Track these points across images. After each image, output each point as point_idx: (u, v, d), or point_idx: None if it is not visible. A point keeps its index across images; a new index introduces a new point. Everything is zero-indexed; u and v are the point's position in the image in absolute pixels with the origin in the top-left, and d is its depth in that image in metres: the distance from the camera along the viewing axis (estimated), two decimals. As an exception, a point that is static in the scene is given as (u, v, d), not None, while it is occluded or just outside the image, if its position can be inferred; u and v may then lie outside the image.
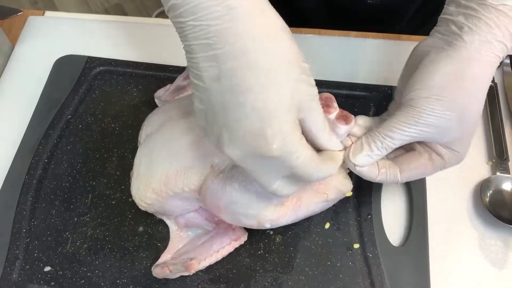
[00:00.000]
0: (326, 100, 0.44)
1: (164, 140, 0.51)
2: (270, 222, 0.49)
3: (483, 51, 0.43)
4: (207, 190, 0.48)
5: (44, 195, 0.58)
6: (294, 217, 0.50)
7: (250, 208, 0.47)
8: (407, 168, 0.48)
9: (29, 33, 0.73)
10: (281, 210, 0.49)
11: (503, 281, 0.53)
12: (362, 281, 0.52)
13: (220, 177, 0.48)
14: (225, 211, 0.49)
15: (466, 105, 0.44)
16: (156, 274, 0.52)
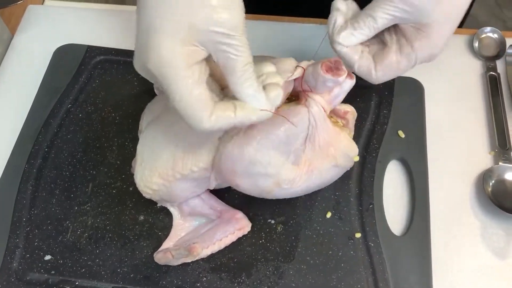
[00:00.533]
0: (335, 63, 0.46)
1: (167, 124, 0.51)
2: (286, 182, 0.48)
3: None
4: (222, 156, 0.48)
5: (44, 184, 0.58)
6: (309, 183, 0.50)
7: (269, 167, 0.47)
8: (380, 63, 0.48)
9: (28, 22, 0.72)
10: (297, 170, 0.49)
11: (504, 270, 0.53)
12: (364, 270, 0.52)
13: (234, 140, 0.47)
14: (242, 174, 0.48)
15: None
16: (158, 260, 0.52)
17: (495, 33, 0.68)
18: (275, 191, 0.49)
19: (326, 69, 0.45)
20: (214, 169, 0.49)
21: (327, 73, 0.45)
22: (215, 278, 0.52)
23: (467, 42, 0.68)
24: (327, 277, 0.52)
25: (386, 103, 0.62)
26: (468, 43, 0.68)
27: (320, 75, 0.45)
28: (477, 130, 0.62)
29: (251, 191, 0.51)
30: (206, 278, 0.52)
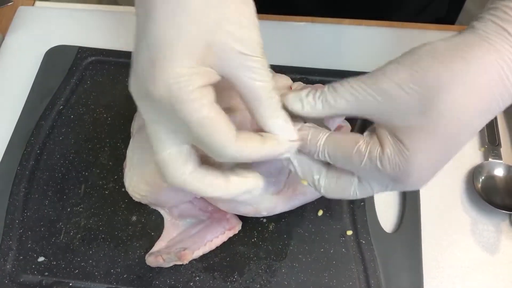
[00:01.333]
0: None
1: None
2: (266, 210, 0.49)
3: (494, 38, 0.33)
4: None
5: (37, 186, 0.58)
6: (291, 205, 0.50)
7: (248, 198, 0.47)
8: (333, 138, 0.37)
9: (19, 23, 0.72)
10: (277, 198, 0.49)
11: (495, 265, 0.54)
12: (355, 267, 0.53)
13: None
14: (223, 200, 0.49)
15: (443, 89, 0.32)
16: (150, 263, 0.52)
17: (484, 29, 0.68)
18: (256, 215, 0.50)
19: None
20: None
21: None
22: (208, 277, 0.53)
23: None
24: (319, 274, 0.52)
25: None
26: (458, 40, 0.68)
27: None
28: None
29: (232, 212, 0.52)
30: (199, 277, 0.53)
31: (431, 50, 0.34)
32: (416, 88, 0.33)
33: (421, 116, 0.33)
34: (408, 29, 0.70)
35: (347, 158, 0.36)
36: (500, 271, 0.54)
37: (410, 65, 0.34)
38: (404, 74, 0.33)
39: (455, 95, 0.32)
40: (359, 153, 0.36)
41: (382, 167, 0.35)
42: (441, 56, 0.33)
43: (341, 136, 0.37)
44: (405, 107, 0.34)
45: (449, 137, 0.34)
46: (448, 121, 0.33)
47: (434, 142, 0.34)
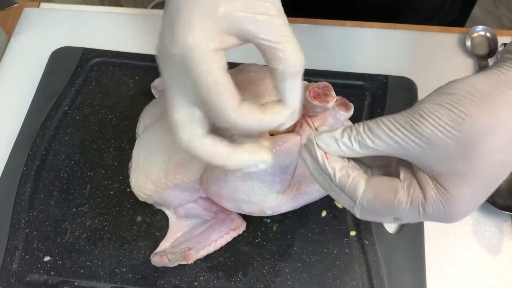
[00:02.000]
0: (324, 88, 0.44)
1: (162, 131, 0.52)
2: (271, 209, 0.49)
3: None
4: (208, 179, 0.49)
5: (43, 186, 0.59)
6: (295, 204, 0.50)
7: (252, 195, 0.48)
8: (373, 187, 0.36)
9: (25, 25, 0.73)
10: (282, 197, 0.49)
11: (497, 266, 0.54)
12: (359, 267, 0.53)
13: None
14: (227, 199, 0.49)
15: (488, 135, 0.32)
16: (155, 262, 0.52)
17: (487, 31, 0.68)
18: (261, 214, 0.50)
19: (314, 96, 0.44)
20: (201, 187, 0.50)
21: (315, 100, 0.44)
22: (213, 277, 0.53)
23: (459, 41, 0.69)
24: (322, 274, 0.53)
25: (380, 102, 0.63)
26: (461, 42, 0.69)
27: (308, 101, 0.44)
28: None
29: (238, 212, 0.52)
30: (203, 277, 0.53)
31: (470, 90, 0.33)
32: (459, 134, 0.32)
33: (464, 162, 0.33)
34: (411, 30, 0.71)
35: (388, 207, 0.35)
36: (503, 271, 0.54)
37: (450, 108, 0.33)
38: (446, 118, 0.33)
39: (499, 141, 0.32)
40: (400, 203, 0.35)
41: (425, 214, 0.35)
42: (481, 99, 0.33)
43: (380, 183, 0.36)
44: (447, 153, 0.33)
45: (492, 178, 0.34)
46: (491, 166, 0.33)
47: (476, 187, 0.33)
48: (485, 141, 0.32)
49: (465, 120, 0.32)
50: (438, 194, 0.34)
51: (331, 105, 0.45)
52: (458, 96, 0.33)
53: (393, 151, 0.35)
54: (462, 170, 0.33)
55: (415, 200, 0.34)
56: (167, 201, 0.53)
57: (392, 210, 0.35)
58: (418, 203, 0.34)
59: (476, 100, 0.33)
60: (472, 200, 0.34)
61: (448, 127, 0.32)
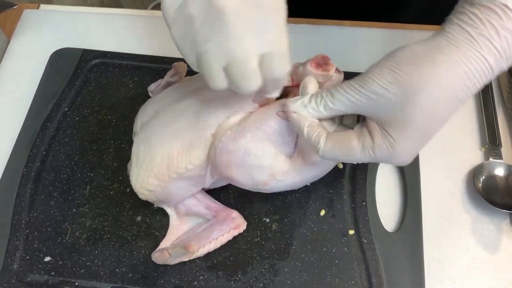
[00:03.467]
0: (323, 59, 0.47)
1: (160, 124, 0.52)
2: (281, 174, 0.50)
3: (461, 42, 0.40)
4: (217, 149, 0.49)
5: (43, 187, 0.59)
6: (303, 176, 0.51)
7: (263, 158, 0.48)
8: (331, 139, 0.44)
9: (24, 27, 0.73)
10: (290, 162, 0.50)
11: (495, 264, 0.54)
12: (357, 266, 0.53)
13: (228, 134, 0.48)
14: (237, 166, 0.49)
15: (419, 89, 0.39)
16: (156, 259, 0.53)
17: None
18: (270, 183, 0.50)
19: (316, 66, 0.47)
20: (209, 165, 0.50)
21: (317, 69, 0.47)
22: (212, 276, 0.53)
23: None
24: (321, 273, 0.53)
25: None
26: (459, 41, 0.69)
27: (311, 72, 0.47)
28: (468, 126, 0.63)
29: (247, 185, 0.51)
30: (203, 276, 0.53)
31: (409, 53, 0.41)
32: (397, 89, 0.40)
33: (402, 111, 0.40)
34: (407, 30, 0.71)
35: (344, 152, 0.43)
36: (501, 270, 0.54)
37: (392, 69, 0.40)
38: (388, 76, 0.40)
39: (427, 92, 0.39)
40: (354, 147, 0.43)
41: (375, 155, 0.42)
42: (416, 60, 0.40)
43: (338, 134, 0.44)
44: (389, 104, 0.40)
45: (426, 125, 0.41)
46: (424, 114, 0.40)
47: (414, 130, 0.41)
48: (418, 93, 0.39)
49: (402, 77, 0.40)
50: (383, 139, 0.42)
51: (332, 73, 0.47)
52: (399, 59, 0.41)
53: (348, 109, 0.43)
54: (402, 117, 0.40)
55: (365, 145, 0.42)
56: (170, 195, 0.53)
57: (348, 154, 0.43)
58: (368, 147, 0.42)
59: (412, 62, 0.40)
60: (413, 143, 0.42)
61: (389, 83, 0.40)
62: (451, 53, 0.39)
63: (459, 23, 0.40)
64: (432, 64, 0.40)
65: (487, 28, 0.39)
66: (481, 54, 0.39)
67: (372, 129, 0.42)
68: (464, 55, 0.39)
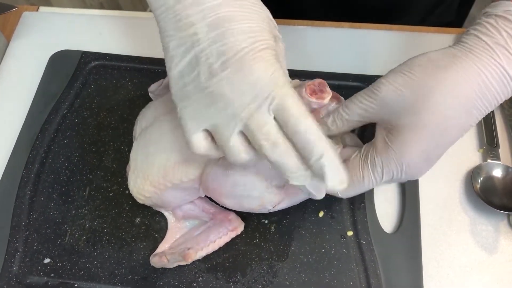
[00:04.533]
0: (320, 85, 0.46)
1: (159, 133, 0.52)
2: (272, 204, 0.50)
3: (477, 50, 0.39)
4: (208, 176, 0.49)
5: (42, 189, 0.59)
6: (295, 199, 0.51)
7: (253, 190, 0.48)
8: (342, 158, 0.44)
9: (24, 29, 0.73)
10: (282, 191, 0.50)
11: (494, 265, 0.55)
12: (356, 267, 0.53)
13: (220, 163, 0.48)
14: (227, 195, 0.49)
15: (431, 92, 0.39)
16: (154, 263, 0.53)
17: (483, 32, 0.69)
18: (261, 210, 0.51)
19: (310, 93, 0.45)
20: (201, 186, 0.51)
21: (311, 96, 0.45)
22: (211, 278, 0.53)
23: (454, 41, 0.69)
24: (320, 274, 0.53)
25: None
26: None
27: (305, 98, 0.45)
28: (466, 128, 0.63)
29: (237, 209, 0.52)
30: (202, 278, 0.54)
31: (423, 60, 0.41)
32: (408, 92, 0.40)
33: (413, 115, 0.40)
34: (407, 32, 0.71)
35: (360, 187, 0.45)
36: (499, 270, 0.54)
37: (405, 73, 0.40)
38: (399, 80, 0.40)
39: (438, 97, 0.39)
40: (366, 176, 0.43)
41: (384, 174, 0.42)
42: (430, 66, 0.40)
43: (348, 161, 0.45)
44: (401, 107, 0.40)
45: (438, 133, 0.40)
46: (436, 119, 0.39)
47: (425, 137, 0.40)
48: (429, 98, 0.39)
49: (414, 80, 0.40)
50: (386, 148, 0.41)
51: (327, 101, 0.46)
52: (413, 65, 0.41)
53: (364, 118, 0.43)
54: (412, 121, 0.40)
55: (374, 169, 0.43)
56: (166, 202, 0.53)
57: (362, 186, 0.44)
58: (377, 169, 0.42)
59: (426, 67, 0.40)
60: (424, 153, 0.41)
61: (400, 87, 0.40)
62: (467, 60, 0.39)
63: (475, 33, 0.40)
64: (446, 69, 0.39)
65: (504, 37, 0.39)
66: (498, 63, 0.38)
67: (379, 144, 0.42)
68: (480, 62, 0.39)
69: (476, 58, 0.39)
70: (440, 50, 0.41)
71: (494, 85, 0.39)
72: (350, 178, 0.43)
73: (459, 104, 0.39)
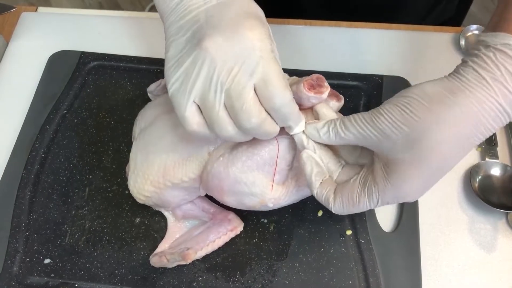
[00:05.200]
0: (318, 80, 0.46)
1: (159, 133, 0.52)
2: (272, 201, 0.50)
3: (475, 86, 0.39)
4: (209, 174, 0.49)
5: (42, 189, 0.59)
6: (296, 196, 0.51)
7: (253, 187, 0.49)
8: (339, 195, 0.45)
9: (22, 29, 0.73)
10: (282, 188, 0.50)
11: (492, 263, 0.55)
12: (355, 266, 0.54)
13: (221, 160, 0.49)
14: (228, 193, 0.50)
15: (429, 130, 0.39)
16: (154, 263, 0.53)
17: (481, 30, 0.69)
18: (263, 208, 0.51)
19: (308, 87, 0.46)
20: (202, 184, 0.51)
21: (310, 91, 0.45)
22: (211, 277, 0.54)
23: (453, 40, 0.69)
24: (319, 273, 0.53)
25: (375, 102, 0.63)
26: (455, 41, 0.69)
27: (303, 93, 0.46)
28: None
29: (238, 207, 0.52)
30: (201, 277, 0.54)
31: (420, 94, 0.40)
32: (406, 128, 0.40)
33: (410, 152, 0.40)
34: (405, 31, 0.71)
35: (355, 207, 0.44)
36: (497, 269, 0.55)
37: (402, 107, 0.40)
38: (397, 115, 0.40)
39: (437, 135, 0.39)
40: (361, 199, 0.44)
41: (380, 200, 0.42)
42: (428, 101, 0.40)
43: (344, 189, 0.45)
44: (398, 144, 0.40)
45: (434, 167, 0.40)
46: (434, 156, 0.39)
47: (424, 172, 0.40)
48: (428, 135, 0.39)
49: (413, 118, 0.39)
50: (384, 180, 0.42)
51: (326, 96, 0.46)
52: (410, 99, 0.40)
53: (358, 141, 0.43)
54: (410, 157, 0.40)
55: (370, 193, 0.43)
56: (166, 202, 0.54)
57: (358, 207, 0.44)
58: (373, 194, 0.43)
59: (424, 102, 0.40)
60: (421, 184, 0.41)
61: (399, 123, 0.40)
62: (464, 97, 0.39)
63: (473, 66, 0.40)
64: (444, 107, 0.39)
65: (502, 74, 0.38)
66: (495, 100, 0.38)
67: (376, 168, 0.43)
68: (477, 100, 0.39)
69: (473, 96, 0.39)
70: (436, 83, 0.41)
71: (490, 122, 0.39)
72: (347, 200, 0.44)
73: (457, 141, 0.39)
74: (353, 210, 0.44)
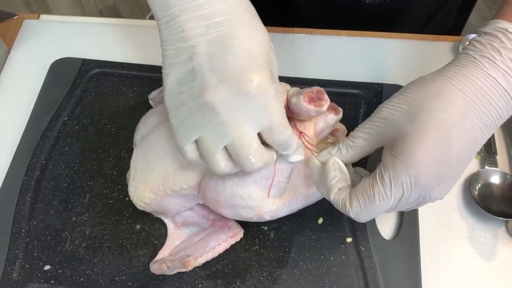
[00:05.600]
0: (318, 93, 0.47)
1: (160, 140, 0.52)
2: (269, 213, 0.50)
3: (465, 63, 0.42)
4: (207, 186, 0.50)
5: (43, 196, 0.59)
6: (293, 207, 0.51)
7: (250, 200, 0.49)
8: (354, 197, 0.44)
9: (24, 37, 0.74)
10: (279, 201, 0.50)
11: (492, 271, 0.55)
12: (355, 273, 0.54)
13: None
14: (225, 205, 0.50)
15: (422, 103, 0.42)
16: (154, 270, 0.53)
17: (480, 40, 0.69)
18: (259, 220, 0.51)
19: (308, 100, 0.46)
20: (200, 194, 0.51)
21: (309, 104, 0.46)
22: (211, 284, 0.54)
23: (453, 49, 0.70)
24: (319, 281, 0.53)
25: (375, 110, 0.63)
26: (454, 50, 0.70)
27: (303, 105, 0.46)
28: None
29: (235, 219, 0.53)
30: (202, 284, 0.54)
31: (417, 80, 0.44)
32: (404, 106, 0.42)
33: (411, 125, 0.42)
34: (405, 40, 0.72)
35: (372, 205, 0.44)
36: (497, 277, 0.55)
37: (402, 93, 0.44)
38: (397, 100, 0.44)
39: (433, 105, 0.41)
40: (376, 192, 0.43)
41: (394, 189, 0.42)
42: (422, 83, 0.43)
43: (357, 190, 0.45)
44: (399, 122, 0.42)
45: (439, 139, 0.41)
46: (434, 124, 0.41)
47: (426, 143, 0.41)
48: (425, 106, 0.41)
49: (410, 97, 0.43)
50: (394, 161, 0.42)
51: (325, 109, 0.47)
52: (407, 86, 0.44)
53: (369, 142, 0.45)
54: (413, 129, 0.41)
55: (382, 178, 0.43)
56: (166, 209, 0.54)
57: (374, 204, 0.43)
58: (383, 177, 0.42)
59: (418, 83, 0.43)
60: (429, 156, 0.41)
61: (398, 104, 0.43)
62: (457, 73, 0.42)
63: (464, 52, 0.44)
64: (436, 82, 0.42)
65: (489, 50, 0.42)
66: (485, 72, 0.41)
67: (385, 158, 0.43)
68: (467, 71, 0.42)
69: (465, 70, 0.42)
70: (433, 72, 0.45)
71: (488, 93, 0.41)
72: (362, 197, 0.44)
73: (456, 109, 0.41)
74: (371, 208, 0.43)
